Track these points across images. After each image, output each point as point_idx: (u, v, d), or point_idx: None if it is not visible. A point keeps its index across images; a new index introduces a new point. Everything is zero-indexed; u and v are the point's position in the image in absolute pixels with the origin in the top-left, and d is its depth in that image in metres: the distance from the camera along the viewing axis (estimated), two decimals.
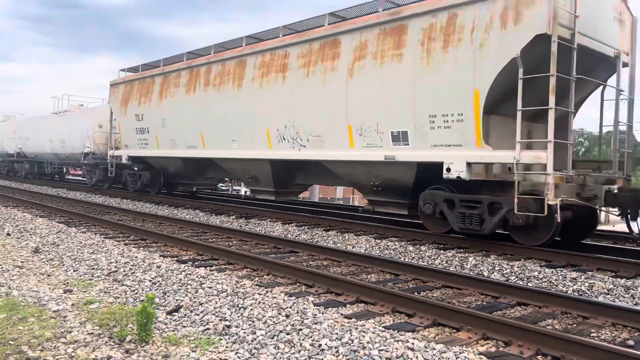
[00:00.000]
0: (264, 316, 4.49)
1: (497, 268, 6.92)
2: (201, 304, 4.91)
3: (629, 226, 7.81)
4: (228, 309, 4.74)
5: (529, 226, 7.74)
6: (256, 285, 5.64)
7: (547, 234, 7.69)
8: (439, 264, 7.31)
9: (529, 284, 6.17)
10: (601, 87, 8.75)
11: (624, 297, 5.67)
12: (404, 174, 9.16)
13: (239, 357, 3.66)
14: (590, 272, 6.67)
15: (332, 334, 4.00)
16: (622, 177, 8.44)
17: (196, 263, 7.03)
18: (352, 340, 3.84)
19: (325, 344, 3.80)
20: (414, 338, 3.94)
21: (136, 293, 5.41)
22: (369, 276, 6.56)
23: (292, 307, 4.74)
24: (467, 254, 7.73)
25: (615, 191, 7.93)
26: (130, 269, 6.39)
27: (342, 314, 4.71)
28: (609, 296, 5.70)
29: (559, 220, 7.27)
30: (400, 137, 8.83)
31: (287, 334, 4.07)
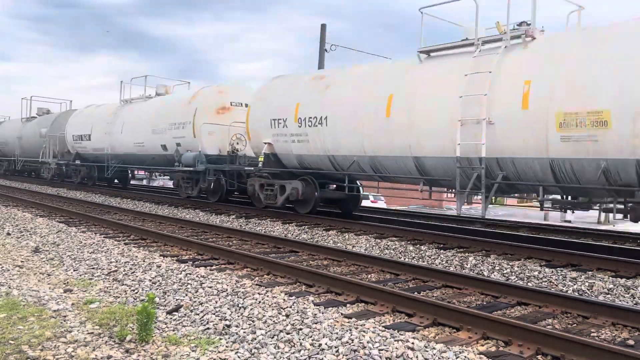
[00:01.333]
0: (264, 316, 4.49)
1: (497, 268, 6.92)
2: (201, 304, 4.91)
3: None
4: (228, 308, 4.74)
5: None
6: (256, 284, 5.64)
7: None
8: (439, 263, 7.31)
9: (529, 284, 6.17)
10: None
11: (624, 297, 5.67)
12: None
13: (239, 357, 3.66)
14: (590, 272, 6.68)
15: (332, 333, 4.00)
16: None
17: (196, 263, 7.04)
18: (352, 340, 3.84)
19: (326, 344, 3.80)
20: (414, 338, 3.94)
21: (136, 293, 5.41)
22: (369, 276, 6.56)
23: (292, 306, 4.74)
24: (467, 254, 7.73)
25: None
26: (131, 269, 6.39)
27: (342, 314, 4.71)
28: (609, 296, 5.71)
29: None
30: None
31: (287, 333, 4.07)
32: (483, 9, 9.52)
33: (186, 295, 5.23)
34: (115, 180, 22.47)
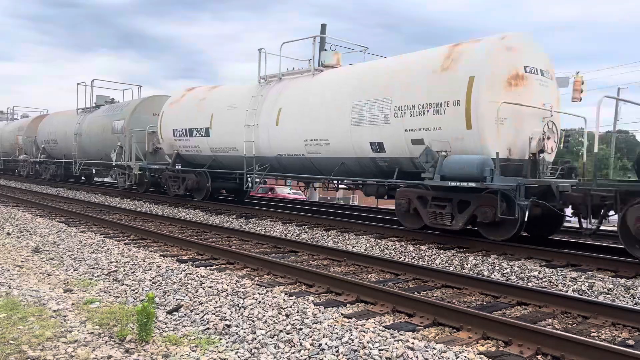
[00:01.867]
0: (264, 316, 4.49)
1: (497, 268, 6.92)
2: (201, 304, 4.91)
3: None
4: (228, 308, 4.74)
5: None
6: (256, 284, 5.64)
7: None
8: (439, 263, 7.31)
9: (529, 284, 6.17)
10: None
11: (624, 297, 5.67)
12: None
13: (239, 357, 3.67)
14: (590, 272, 6.68)
15: (332, 333, 4.00)
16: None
17: (196, 262, 7.04)
18: (352, 340, 3.84)
19: (326, 344, 3.80)
20: (414, 338, 3.94)
21: (136, 292, 5.41)
22: (369, 276, 6.56)
23: (292, 306, 4.74)
24: (467, 254, 7.73)
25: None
26: (131, 269, 6.39)
27: (342, 314, 4.71)
28: (609, 296, 5.71)
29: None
30: None
31: (287, 333, 4.07)
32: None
33: (186, 295, 5.23)
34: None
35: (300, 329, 4.13)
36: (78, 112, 21.76)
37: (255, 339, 3.99)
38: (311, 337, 3.97)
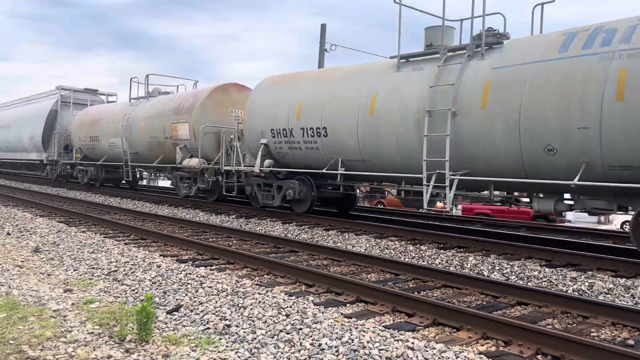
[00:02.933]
0: (264, 315, 4.49)
1: (497, 267, 6.92)
2: (201, 304, 4.91)
3: None
4: (228, 308, 4.74)
5: None
6: (256, 284, 5.64)
7: None
8: (439, 263, 7.31)
9: (529, 284, 6.17)
10: None
11: (624, 296, 5.67)
12: None
13: (239, 357, 3.67)
14: (590, 272, 6.68)
15: (332, 333, 4.00)
16: None
17: (196, 262, 7.04)
18: (352, 340, 3.84)
19: (326, 344, 3.80)
20: (414, 337, 3.94)
21: (136, 292, 5.41)
22: (369, 276, 6.56)
23: (292, 306, 4.74)
24: (467, 254, 7.73)
25: None
26: (131, 269, 6.39)
27: (342, 314, 4.71)
28: (609, 296, 5.71)
29: None
30: None
31: (287, 333, 4.07)
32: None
33: (186, 295, 5.23)
34: None
35: (300, 329, 4.13)
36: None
37: (255, 338, 3.99)
38: (311, 337, 3.97)
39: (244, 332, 4.14)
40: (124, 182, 21.60)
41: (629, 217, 7.75)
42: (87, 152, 20.93)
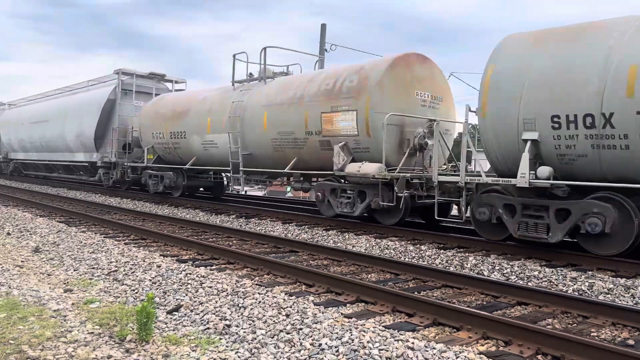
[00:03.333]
0: (264, 315, 4.49)
1: (497, 267, 6.92)
2: (201, 304, 4.91)
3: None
4: (228, 308, 4.74)
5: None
6: (256, 284, 5.64)
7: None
8: (439, 263, 7.31)
9: (529, 284, 6.17)
10: None
11: (624, 296, 5.67)
12: None
13: (239, 357, 3.67)
14: (590, 272, 6.67)
15: (332, 333, 4.00)
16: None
17: (196, 262, 7.04)
18: (352, 340, 3.84)
19: (326, 344, 3.80)
20: (414, 337, 3.94)
21: (136, 292, 5.41)
22: (369, 276, 6.56)
23: (292, 306, 4.74)
24: (467, 254, 7.73)
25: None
26: (131, 269, 6.39)
27: (342, 314, 4.71)
28: (609, 296, 5.71)
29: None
30: None
31: (287, 333, 4.07)
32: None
33: (186, 295, 5.23)
34: None
35: (300, 329, 4.13)
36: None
37: (255, 338, 3.99)
38: (311, 337, 3.97)
39: (244, 332, 4.14)
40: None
41: None
42: (162, 152, 16.11)
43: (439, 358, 3.59)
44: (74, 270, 6.45)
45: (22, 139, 24.58)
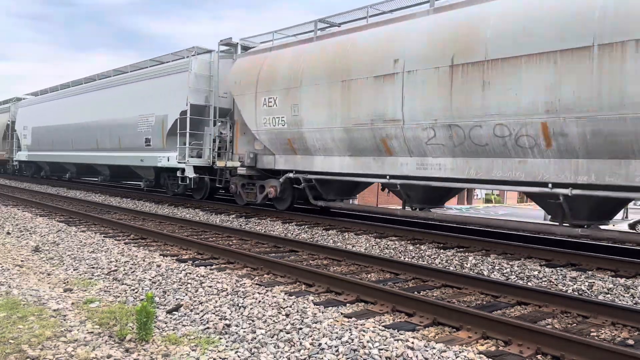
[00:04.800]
0: (264, 315, 4.49)
1: (497, 267, 6.92)
2: (201, 303, 4.91)
3: None
4: (228, 308, 4.74)
5: None
6: (256, 284, 5.65)
7: None
8: (439, 263, 7.31)
9: (529, 283, 6.17)
10: None
11: (624, 296, 5.67)
12: None
13: (239, 356, 3.67)
14: (590, 272, 6.68)
15: (332, 333, 4.00)
16: None
17: (196, 262, 7.04)
18: (352, 340, 3.84)
19: (325, 343, 3.80)
20: (413, 337, 3.94)
21: (136, 292, 5.41)
22: (369, 275, 6.56)
23: (292, 306, 4.74)
24: (467, 253, 7.73)
25: None
26: (130, 268, 6.39)
27: (342, 313, 4.71)
28: (608, 296, 5.71)
29: None
30: None
31: (287, 333, 4.07)
32: None
33: (186, 294, 5.23)
34: None
35: (300, 329, 4.13)
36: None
37: (255, 338, 3.99)
38: (311, 336, 3.97)
39: (244, 331, 4.14)
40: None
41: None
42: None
43: (438, 358, 3.59)
44: (74, 270, 6.45)
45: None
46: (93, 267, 6.52)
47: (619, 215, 7.59)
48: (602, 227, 8.13)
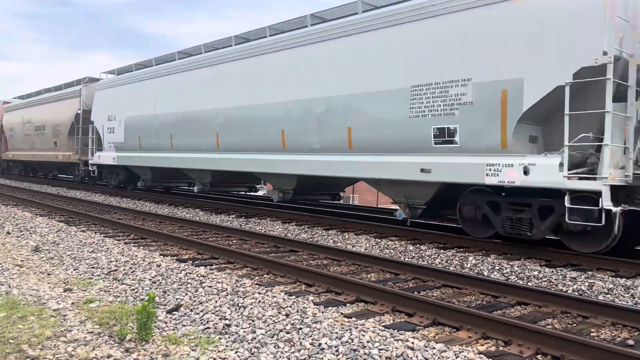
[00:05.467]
0: (264, 315, 4.49)
1: (497, 267, 6.92)
2: (201, 303, 4.91)
3: None
4: (228, 308, 4.74)
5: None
6: (256, 284, 5.64)
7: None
8: (439, 263, 7.31)
9: (529, 284, 6.17)
10: None
11: (624, 296, 5.67)
12: None
13: (238, 356, 3.67)
14: (590, 272, 6.67)
15: (332, 333, 4.00)
16: None
17: (196, 262, 7.04)
18: (352, 340, 3.84)
19: (325, 343, 3.80)
20: (413, 337, 3.94)
21: (136, 292, 5.41)
22: (369, 275, 6.56)
23: (292, 306, 4.74)
24: (467, 254, 7.73)
25: None
26: (130, 268, 6.39)
27: (342, 313, 4.71)
28: (608, 296, 5.71)
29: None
30: None
31: (287, 333, 4.07)
32: None
33: (186, 294, 5.23)
34: None
35: (300, 329, 4.13)
36: None
37: (255, 338, 3.99)
38: (311, 336, 3.97)
39: (244, 331, 4.14)
40: None
41: None
42: None
43: (438, 358, 3.59)
44: (74, 270, 6.45)
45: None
46: (93, 267, 6.52)
47: None
48: None
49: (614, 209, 6.37)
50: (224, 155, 12.51)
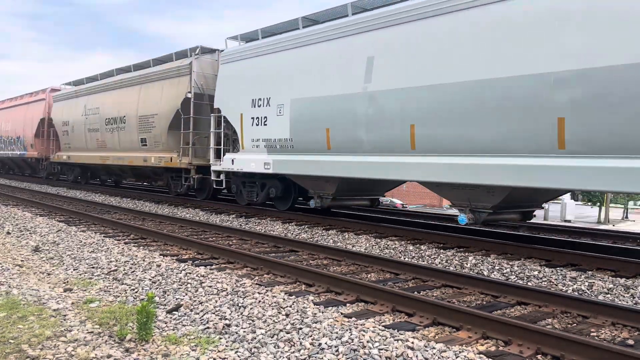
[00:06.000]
0: (263, 315, 4.49)
1: (497, 267, 6.92)
2: (201, 303, 4.91)
3: None
4: (228, 307, 4.74)
5: None
6: (256, 284, 5.64)
7: None
8: (439, 263, 7.31)
9: (529, 283, 6.17)
10: None
11: (624, 296, 5.67)
12: None
13: (238, 356, 3.67)
14: (590, 272, 6.68)
15: (332, 333, 4.00)
16: None
17: (196, 262, 7.03)
18: (352, 339, 3.84)
19: (325, 343, 3.80)
20: (413, 337, 3.94)
21: (136, 292, 5.41)
22: (369, 275, 6.56)
23: (292, 306, 4.74)
24: (467, 253, 7.73)
25: None
26: (130, 268, 6.39)
27: (342, 313, 4.71)
28: (608, 296, 5.71)
29: None
30: None
31: (287, 332, 4.07)
32: None
33: (186, 294, 5.23)
34: None
35: (300, 329, 4.13)
36: None
37: (255, 338, 3.99)
38: (311, 336, 3.97)
39: (244, 331, 4.14)
40: None
41: None
42: None
43: (438, 358, 3.59)
44: (74, 270, 6.45)
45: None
46: (93, 267, 6.52)
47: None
48: None
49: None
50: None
